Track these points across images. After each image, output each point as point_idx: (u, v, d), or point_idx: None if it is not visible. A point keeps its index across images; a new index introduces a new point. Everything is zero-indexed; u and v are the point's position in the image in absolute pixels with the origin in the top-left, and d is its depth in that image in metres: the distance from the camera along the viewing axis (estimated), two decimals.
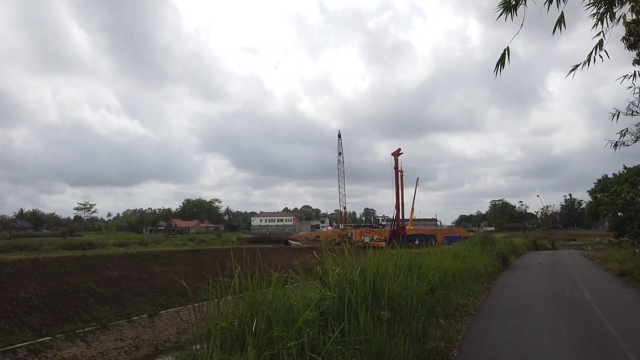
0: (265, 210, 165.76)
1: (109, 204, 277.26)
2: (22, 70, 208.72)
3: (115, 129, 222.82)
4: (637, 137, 12.85)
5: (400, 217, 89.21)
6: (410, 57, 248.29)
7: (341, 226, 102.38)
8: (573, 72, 5.06)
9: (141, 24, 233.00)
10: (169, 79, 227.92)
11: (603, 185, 63.09)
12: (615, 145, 12.97)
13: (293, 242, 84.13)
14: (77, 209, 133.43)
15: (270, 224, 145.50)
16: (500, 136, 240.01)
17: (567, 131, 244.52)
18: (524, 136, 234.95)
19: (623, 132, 12.45)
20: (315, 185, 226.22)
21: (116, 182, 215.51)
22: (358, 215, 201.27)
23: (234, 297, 5.51)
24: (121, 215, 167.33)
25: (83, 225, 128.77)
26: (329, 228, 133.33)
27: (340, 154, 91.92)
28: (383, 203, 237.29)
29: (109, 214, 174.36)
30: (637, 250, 30.52)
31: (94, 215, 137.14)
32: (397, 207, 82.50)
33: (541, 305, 11.12)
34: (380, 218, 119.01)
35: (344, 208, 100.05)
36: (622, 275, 16.74)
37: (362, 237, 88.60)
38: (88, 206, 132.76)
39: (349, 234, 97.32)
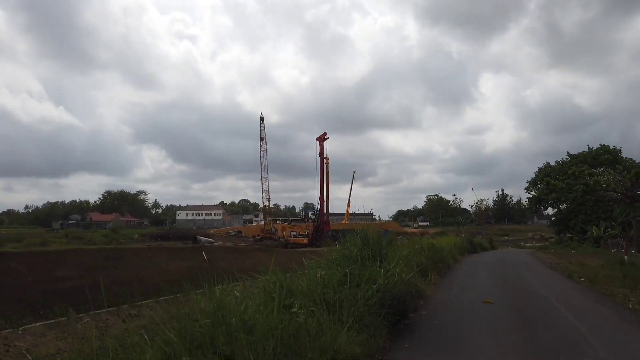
0: (204, 204, 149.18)
1: (34, 196, 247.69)
2: None
3: (38, 116, 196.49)
4: None
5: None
6: (349, 53, 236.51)
7: (272, 221, 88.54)
8: None
9: (63, 2, 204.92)
10: (96, 64, 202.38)
11: (544, 174, 52.77)
12: None
13: (205, 238, 69.18)
14: None
15: (198, 218, 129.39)
16: (436, 134, 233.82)
17: (497, 131, 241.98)
18: (458, 134, 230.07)
19: None
20: (257, 180, 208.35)
21: (42, 173, 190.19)
22: (297, 210, 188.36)
23: None
24: (40, 208, 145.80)
25: None
26: (262, 222, 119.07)
27: (262, 139, 77.66)
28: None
29: (27, 207, 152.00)
30: (625, 257, 18.63)
31: None
32: (321, 198, 69.16)
33: None
34: (310, 212, 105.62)
35: (268, 200, 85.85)
36: None
37: (284, 233, 75.06)
38: None
39: (273, 229, 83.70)
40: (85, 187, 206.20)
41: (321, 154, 67.94)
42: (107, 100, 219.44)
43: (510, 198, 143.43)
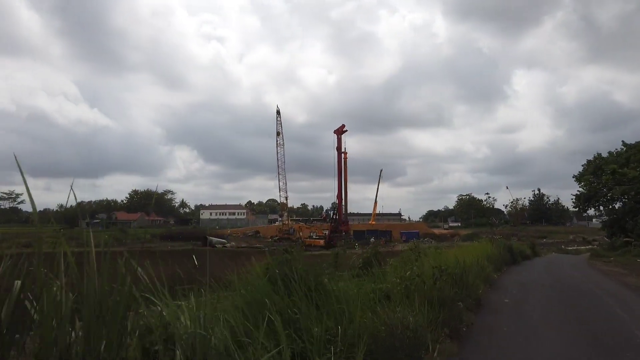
0: (235, 203, 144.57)
1: (71, 196, 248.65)
2: None
3: (74, 118, 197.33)
4: None
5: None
6: (377, 51, 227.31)
7: (288, 220, 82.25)
8: None
9: (94, 5, 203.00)
10: (127, 65, 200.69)
11: (595, 167, 44.01)
12: None
13: (216, 239, 63.58)
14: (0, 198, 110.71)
15: (222, 217, 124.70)
16: (467, 133, 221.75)
17: (531, 129, 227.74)
18: (490, 133, 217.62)
19: None
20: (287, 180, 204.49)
21: (79, 174, 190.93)
22: (326, 210, 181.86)
23: None
24: (74, 207, 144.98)
25: (4, 217, 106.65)
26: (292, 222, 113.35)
27: (278, 134, 71.36)
28: (353, 197, 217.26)
29: (61, 206, 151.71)
30: None
31: (19, 205, 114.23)
32: (339, 196, 62.19)
33: None
34: (333, 212, 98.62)
35: (286, 199, 79.60)
36: None
37: (300, 233, 68.50)
38: (13, 195, 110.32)
39: (291, 229, 77.34)
40: (121, 187, 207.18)
41: (339, 148, 60.99)
42: (139, 101, 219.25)
43: (548, 198, 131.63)
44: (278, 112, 70.70)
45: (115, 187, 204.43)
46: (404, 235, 78.30)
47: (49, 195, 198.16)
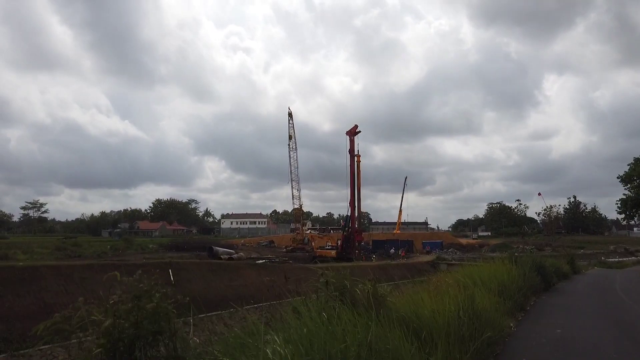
0: (262, 212, 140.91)
1: (106, 206, 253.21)
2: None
3: (106, 130, 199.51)
4: None
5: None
6: (402, 58, 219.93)
7: (303, 229, 77.02)
8: None
9: (122, 18, 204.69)
10: (156, 78, 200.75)
11: None
12: None
13: (222, 249, 58.34)
14: (24, 208, 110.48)
15: (242, 226, 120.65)
16: (498, 140, 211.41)
17: (564, 135, 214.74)
18: (521, 140, 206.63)
19: None
20: (313, 189, 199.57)
21: (112, 184, 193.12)
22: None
23: None
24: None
25: (31, 227, 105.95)
26: (309, 232, 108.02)
27: (291, 137, 66.11)
28: (380, 206, 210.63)
29: (91, 215, 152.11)
30: None
31: (44, 215, 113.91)
32: (351, 203, 55.80)
33: None
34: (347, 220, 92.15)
35: (300, 206, 74.25)
36: None
37: (312, 243, 62.78)
38: (38, 205, 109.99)
39: (306, 238, 71.75)
40: (151, 197, 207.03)
41: (352, 150, 55.03)
42: (168, 112, 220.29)
43: (584, 206, 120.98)
44: (290, 115, 65.69)
45: (147, 197, 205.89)
46: (427, 246, 71.42)
47: (85, 205, 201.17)
